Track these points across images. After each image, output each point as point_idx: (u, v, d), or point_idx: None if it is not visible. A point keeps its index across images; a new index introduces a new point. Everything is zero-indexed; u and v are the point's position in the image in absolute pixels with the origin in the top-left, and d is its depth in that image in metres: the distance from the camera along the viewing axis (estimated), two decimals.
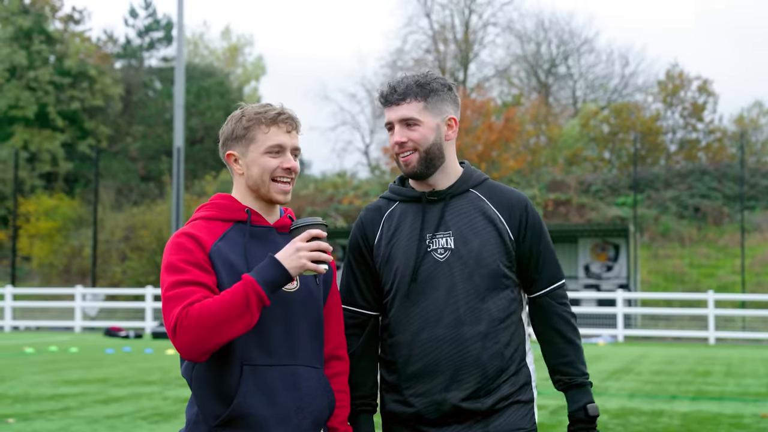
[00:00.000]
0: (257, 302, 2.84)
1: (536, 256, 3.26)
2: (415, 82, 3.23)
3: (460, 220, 3.22)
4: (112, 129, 48.94)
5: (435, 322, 3.16)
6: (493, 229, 3.21)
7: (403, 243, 3.23)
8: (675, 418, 10.38)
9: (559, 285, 3.29)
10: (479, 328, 3.15)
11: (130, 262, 37.19)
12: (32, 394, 12.15)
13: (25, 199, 41.92)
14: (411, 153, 3.21)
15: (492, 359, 3.15)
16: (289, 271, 2.88)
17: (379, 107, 3.32)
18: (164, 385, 13.31)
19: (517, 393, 3.21)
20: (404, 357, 3.20)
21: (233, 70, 56.84)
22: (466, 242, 3.19)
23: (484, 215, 3.23)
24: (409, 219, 3.26)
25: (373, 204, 3.37)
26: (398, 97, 3.22)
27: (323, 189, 41.09)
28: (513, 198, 3.28)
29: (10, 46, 45.61)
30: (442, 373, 3.14)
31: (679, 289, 31.92)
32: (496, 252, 3.19)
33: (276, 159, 3.04)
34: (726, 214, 37.27)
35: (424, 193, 3.26)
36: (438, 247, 3.20)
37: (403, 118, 3.21)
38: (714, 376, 15.34)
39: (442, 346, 3.15)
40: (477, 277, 3.17)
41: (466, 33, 51.44)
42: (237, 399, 2.90)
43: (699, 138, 46.56)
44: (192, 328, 2.80)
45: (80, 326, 29.33)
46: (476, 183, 3.30)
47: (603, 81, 53.31)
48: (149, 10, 54.37)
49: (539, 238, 3.27)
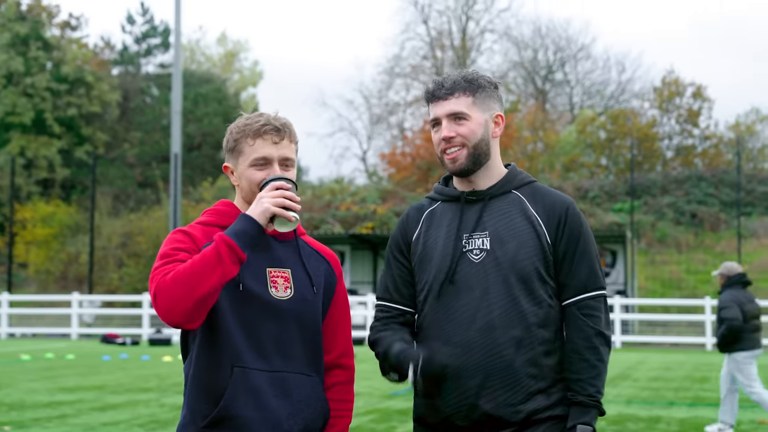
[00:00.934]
0: (229, 252, 2.81)
1: (569, 261, 3.12)
2: (462, 77, 3.19)
3: (498, 221, 3.14)
4: (109, 135, 48.92)
5: (467, 325, 3.07)
6: (531, 230, 3.11)
7: (440, 243, 3.17)
8: (672, 425, 10.37)
9: (589, 296, 3.11)
10: (513, 333, 3.04)
11: (127, 269, 37.16)
12: (28, 401, 12.12)
13: (21, 205, 41.89)
14: (459, 149, 3.16)
15: (525, 366, 3.04)
16: (255, 219, 2.86)
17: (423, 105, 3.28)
18: (161, 392, 13.29)
19: (555, 407, 3.08)
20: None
21: (230, 76, 56.85)
22: (502, 244, 3.10)
23: (523, 217, 3.14)
24: (447, 218, 3.21)
25: (418, 203, 3.34)
26: (446, 91, 3.17)
27: (321, 195, 41.10)
28: (555, 200, 3.17)
29: (7, 52, 45.59)
30: (472, 378, 3.04)
31: (676, 295, 31.94)
32: (533, 255, 3.09)
33: (262, 171, 3.01)
34: (723, 220, 37.33)
35: (463, 193, 3.21)
36: (474, 247, 3.12)
37: (451, 112, 3.16)
38: (711, 383, 15.33)
39: (474, 351, 3.04)
40: (512, 280, 3.06)
41: (463, 40, 51.53)
42: (224, 400, 2.90)
43: (695, 144, 46.66)
44: (168, 287, 2.79)
45: (77, 333, 29.29)
46: (520, 185, 3.22)
47: (600, 87, 53.43)
48: (146, 16, 54.39)
49: (576, 242, 3.12)
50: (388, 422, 10.43)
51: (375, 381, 14.92)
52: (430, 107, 3.22)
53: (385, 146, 51.93)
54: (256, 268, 3.00)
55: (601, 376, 3.10)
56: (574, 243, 3.12)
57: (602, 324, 3.11)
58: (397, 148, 47.25)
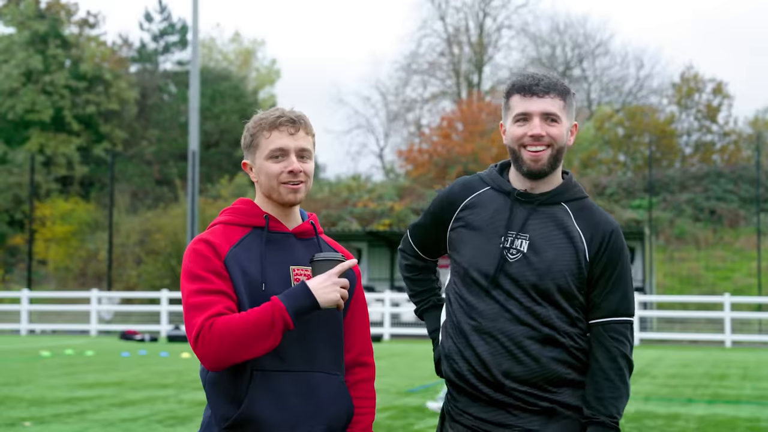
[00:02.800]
0: (283, 327, 2.87)
1: (605, 283, 3.16)
2: (556, 80, 3.21)
3: (541, 228, 3.18)
4: (127, 133, 49.12)
5: (493, 318, 3.15)
6: (570, 245, 3.16)
7: (481, 234, 3.23)
8: (691, 422, 10.33)
9: (619, 320, 3.15)
10: (540, 330, 3.12)
11: (146, 266, 37.31)
12: (48, 397, 12.19)
13: (41, 203, 42.13)
14: (544, 149, 3.16)
15: (552, 363, 3.12)
16: (320, 303, 2.91)
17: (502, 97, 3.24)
18: (180, 388, 13.34)
19: (575, 408, 3.15)
20: (462, 341, 3.20)
21: (248, 74, 56.96)
22: (538, 251, 3.15)
23: (565, 230, 3.18)
24: (492, 209, 3.24)
25: (468, 180, 3.36)
26: (543, 89, 3.17)
27: (338, 192, 41.11)
28: (601, 221, 3.21)
29: (26, 50, 45.84)
30: (499, 365, 3.13)
31: (695, 292, 31.80)
32: (566, 269, 3.13)
33: (279, 163, 3.02)
34: (742, 217, 37.12)
35: (514, 191, 3.23)
36: (512, 247, 3.17)
37: (546, 111, 3.16)
38: (730, 380, 15.26)
39: (500, 342, 3.13)
40: (542, 287, 3.13)
41: (480, 36, 51.42)
42: (246, 402, 2.91)
43: (714, 140, 46.40)
44: (215, 343, 2.83)
45: (96, 330, 29.44)
46: (570, 198, 3.25)
47: (618, 83, 53.21)
48: (164, 14, 54.55)
49: (614, 266, 3.16)
50: (405, 419, 10.43)
51: (391, 378, 14.93)
52: (518, 100, 3.20)
53: (402, 143, 51.94)
54: (279, 266, 3.01)
55: (623, 399, 3.12)
56: (612, 267, 3.16)
57: (628, 349, 3.15)
58: (414, 145, 47.23)
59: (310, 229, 3.13)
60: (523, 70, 3.32)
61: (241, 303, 2.93)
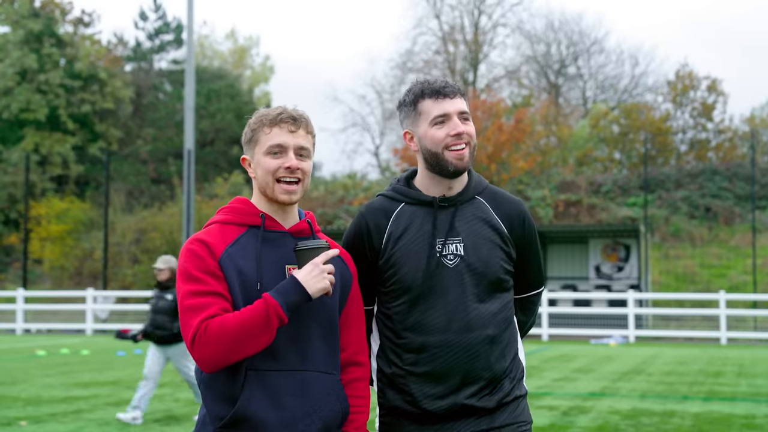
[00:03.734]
0: (277, 323, 2.89)
1: (525, 261, 3.39)
2: (456, 82, 3.34)
3: (469, 227, 3.28)
4: (122, 132, 49.05)
5: (444, 328, 3.20)
6: (497, 236, 3.30)
7: (414, 247, 3.25)
8: (687, 419, 10.35)
9: (537, 293, 3.49)
10: (487, 332, 3.23)
11: (141, 265, 37.27)
12: (44, 396, 12.18)
13: (36, 202, 42.06)
14: (464, 147, 3.25)
15: (498, 361, 3.25)
16: (310, 294, 2.93)
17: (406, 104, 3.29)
18: (175, 387, 13.33)
19: (516, 388, 3.31)
20: (413, 359, 3.22)
21: (242, 72, 56.90)
22: (474, 249, 3.25)
23: (489, 222, 3.31)
24: (417, 223, 3.28)
25: (375, 204, 3.37)
26: (452, 90, 3.28)
27: (333, 190, 41.10)
28: (513, 206, 3.37)
29: (21, 49, 45.74)
30: (453, 377, 3.19)
31: (691, 289, 31.84)
32: (500, 259, 3.28)
33: (277, 159, 3.03)
34: (737, 214, 37.16)
35: (435, 199, 3.29)
36: (448, 253, 3.24)
37: (461, 111, 3.27)
38: (726, 377, 15.29)
39: (453, 352, 3.19)
40: (485, 284, 3.25)
41: (475, 34, 51.41)
42: (240, 402, 2.91)
43: (709, 138, 46.45)
44: (211, 344, 2.85)
45: (91, 329, 29.41)
46: (481, 190, 3.38)
47: (613, 81, 53.22)
48: (159, 12, 54.48)
49: (530, 245, 3.39)
50: None
51: None
52: (431, 104, 3.26)
53: (397, 141, 51.91)
54: (275, 265, 3.01)
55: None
56: (528, 245, 3.39)
57: (536, 314, 3.56)
58: None
59: (306, 227, 3.12)
60: (420, 78, 3.39)
61: (236, 302, 2.93)
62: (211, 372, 2.91)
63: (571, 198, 37.92)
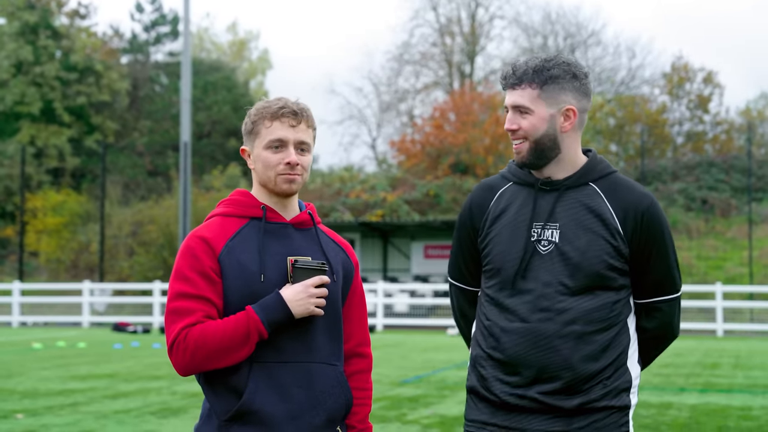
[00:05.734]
0: (257, 338, 2.89)
1: (645, 262, 3.09)
2: (534, 66, 3.09)
3: (570, 214, 3.08)
4: (118, 124, 48.96)
5: (527, 316, 3.06)
6: (603, 227, 3.05)
7: (510, 229, 3.13)
8: (683, 411, 10.36)
9: (664, 299, 3.15)
10: (573, 327, 3.02)
11: (138, 257, 37.24)
12: (41, 389, 12.18)
13: (32, 194, 42.00)
14: (521, 142, 3.10)
15: (584, 362, 3.03)
16: (294, 315, 2.91)
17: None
18: (172, 380, 13.33)
19: (609, 397, 3.06)
20: (493, 343, 3.13)
21: (239, 64, 56.79)
22: (572, 238, 3.05)
23: (596, 212, 3.06)
24: (517, 203, 3.15)
25: (488, 180, 3.28)
26: (514, 81, 3.11)
27: (330, 183, 41.07)
28: (634, 197, 3.09)
29: (16, 41, 45.61)
30: (528, 368, 3.05)
31: (687, 281, 31.87)
32: (602, 252, 3.03)
33: (277, 154, 3.01)
34: (734, 206, 37.20)
35: (537, 180, 3.14)
36: (543, 239, 3.08)
37: (515, 104, 3.10)
38: (722, 369, 15.31)
39: (532, 342, 3.04)
40: (579, 275, 3.03)
41: (472, 26, 51.35)
42: (246, 395, 2.90)
43: (706, 130, 46.46)
44: (189, 352, 2.87)
45: (88, 321, 29.40)
46: (598, 177, 3.13)
47: (610, 74, 53.18)
48: (155, 4, 54.34)
49: (653, 244, 3.08)
50: (398, 409, 10.45)
51: (385, 368, 14.94)
52: (506, 94, 3.17)
53: (394, 133, 51.85)
54: (277, 257, 3.00)
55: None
56: (649, 244, 3.07)
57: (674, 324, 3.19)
58: (406, 136, 47.15)
59: (308, 219, 3.11)
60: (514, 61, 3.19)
61: (239, 296, 2.93)
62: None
63: None
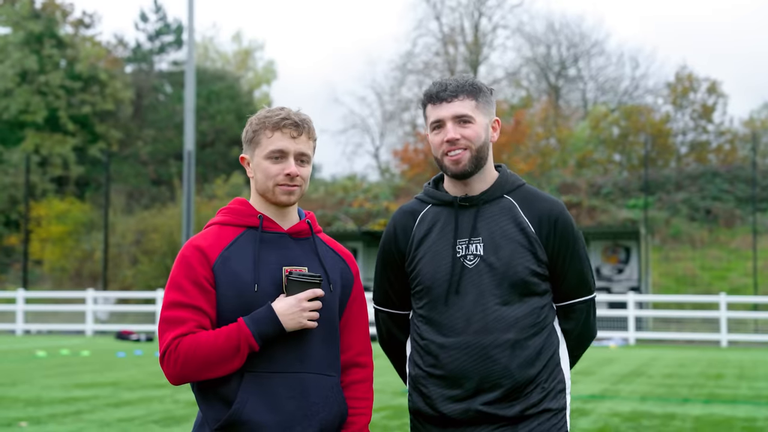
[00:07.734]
0: (248, 351, 2.90)
1: (561, 266, 3.22)
2: (465, 81, 3.22)
3: (491, 227, 3.20)
4: (122, 133, 49.06)
5: (462, 330, 3.14)
6: (523, 236, 3.18)
7: (435, 248, 3.22)
8: (687, 422, 10.33)
9: (579, 301, 3.30)
10: (508, 336, 3.13)
11: (141, 266, 37.26)
12: (44, 397, 12.17)
13: (36, 203, 42.06)
14: (462, 151, 3.18)
15: (521, 368, 3.13)
16: (285, 329, 2.92)
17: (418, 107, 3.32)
18: (175, 388, 13.32)
19: (548, 400, 3.18)
20: (432, 361, 3.19)
21: (244, 74, 56.90)
22: (496, 250, 3.16)
23: (515, 223, 3.20)
24: (440, 223, 3.24)
25: (408, 206, 3.36)
26: (450, 93, 3.19)
27: (333, 192, 41.11)
28: (547, 205, 3.24)
29: (21, 50, 45.76)
30: (469, 380, 3.13)
31: (691, 291, 31.83)
32: (526, 261, 3.16)
33: (277, 165, 3.01)
34: (737, 216, 37.16)
35: (456, 198, 3.24)
36: (468, 253, 3.18)
37: (456, 114, 3.18)
38: (726, 379, 15.27)
39: (470, 354, 3.13)
40: (506, 285, 3.14)
41: (475, 36, 51.42)
42: (236, 405, 2.90)
43: (709, 140, 46.45)
44: (180, 363, 2.88)
45: (92, 330, 29.40)
46: (511, 189, 3.28)
47: (613, 83, 53.24)
48: (159, 14, 54.50)
49: (566, 249, 3.23)
50: (401, 419, 10.43)
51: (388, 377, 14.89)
52: (430, 109, 3.23)
53: (397, 143, 51.89)
54: (272, 266, 2.99)
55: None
56: (563, 249, 3.22)
57: (590, 323, 3.35)
58: (409, 145, 47.19)
59: (306, 228, 3.10)
60: (435, 80, 3.33)
61: (232, 306, 2.93)
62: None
63: (571, 200, 37.92)
